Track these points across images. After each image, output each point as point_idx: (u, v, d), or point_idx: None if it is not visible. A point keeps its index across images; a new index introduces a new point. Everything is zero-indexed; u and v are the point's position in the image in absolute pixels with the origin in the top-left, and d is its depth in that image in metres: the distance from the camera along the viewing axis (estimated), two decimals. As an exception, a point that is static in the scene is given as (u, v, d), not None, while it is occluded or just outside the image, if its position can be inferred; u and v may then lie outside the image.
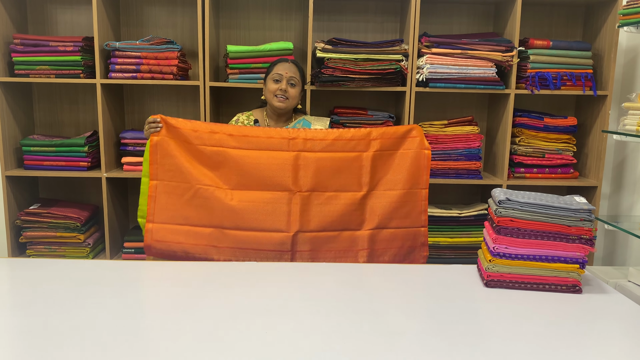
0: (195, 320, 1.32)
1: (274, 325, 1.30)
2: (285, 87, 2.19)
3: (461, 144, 2.81)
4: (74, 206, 2.88)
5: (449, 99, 3.07)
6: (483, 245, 1.76)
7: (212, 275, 1.66)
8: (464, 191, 3.18)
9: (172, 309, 1.39)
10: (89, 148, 2.77)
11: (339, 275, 1.69)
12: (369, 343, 1.23)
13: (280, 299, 1.47)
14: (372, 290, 1.57)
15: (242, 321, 1.32)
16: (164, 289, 1.53)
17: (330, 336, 1.25)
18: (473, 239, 2.88)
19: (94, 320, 1.31)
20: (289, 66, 2.24)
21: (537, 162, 2.87)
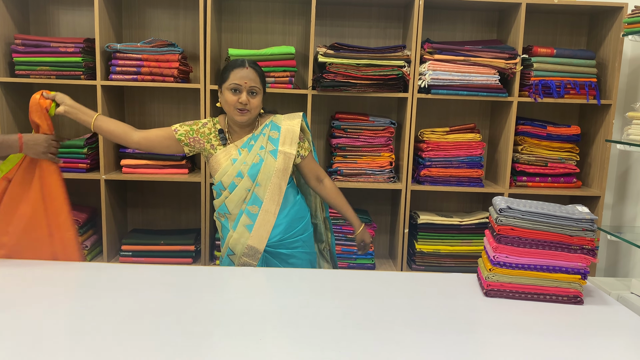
0: (190, 324, 1.30)
1: (272, 331, 1.28)
2: (246, 98, 1.83)
3: (463, 151, 2.79)
4: (72, 208, 2.85)
5: (451, 106, 3.05)
6: (483, 254, 1.74)
7: (206, 279, 1.64)
8: (465, 199, 3.16)
9: (166, 312, 1.37)
10: (88, 150, 2.76)
11: (330, 280, 1.67)
12: (366, 352, 1.20)
13: (275, 305, 1.45)
14: (370, 298, 1.54)
15: (238, 326, 1.30)
16: (159, 293, 1.51)
17: (326, 345, 1.23)
18: (474, 247, 2.85)
19: (89, 322, 1.29)
20: (247, 73, 1.84)
21: (540, 170, 2.85)
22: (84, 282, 1.58)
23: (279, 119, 1.96)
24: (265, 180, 1.87)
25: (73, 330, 1.25)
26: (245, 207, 1.88)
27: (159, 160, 2.79)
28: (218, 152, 1.91)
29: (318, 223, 2.13)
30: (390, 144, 2.81)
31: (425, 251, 2.84)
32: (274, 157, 1.88)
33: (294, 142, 1.91)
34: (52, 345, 1.19)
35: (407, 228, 2.81)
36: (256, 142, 1.90)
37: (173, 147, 1.94)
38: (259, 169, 1.86)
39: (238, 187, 1.87)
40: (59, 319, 1.32)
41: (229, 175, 1.88)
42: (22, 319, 1.32)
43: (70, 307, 1.39)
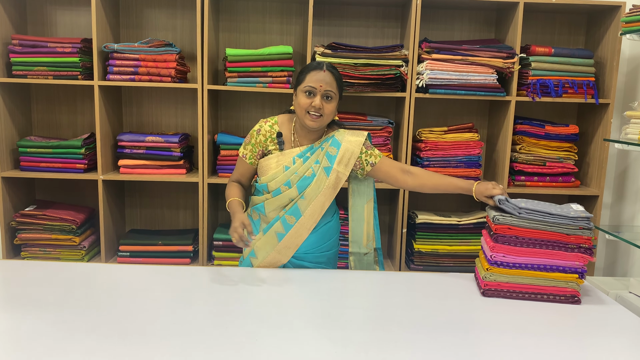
0: (187, 325, 1.29)
1: (267, 330, 1.28)
2: (320, 103, 1.73)
3: (461, 151, 2.79)
4: (70, 208, 2.86)
5: (449, 106, 3.05)
6: (481, 254, 1.73)
7: (205, 279, 1.63)
8: (463, 199, 3.16)
9: (164, 313, 1.36)
10: (86, 150, 2.76)
11: (329, 280, 1.66)
12: (363, 351, 1.20)
13: (272, 306, 1.44)
14: (366, 298, 1.54)
15: (235, 327, 1.30)
16: (157, 293, 1.51)
17: (322, 345, 1.23)
18: (472, 247, 2.85)
19: (85, 323, 1.29)
20: (324, 76, 1.75)
21: (538, 170, 2.84)
22: (81, 282, 1.58)
23: (342, 135, 1.86)
24: (312, 195, 1.80)
25: (70, 330, 1.25)
26: (283, 214, 1.82)
27: (156, 160, 2.78)
28: (272, 156, 1.84)
29: (368, 253, 1.97)
30: (388, 144, 2.81)
31: (423, 251, 2.83)
32: (327, 174, 1.81)
33: (350, 163, 1.83)
34: (48, 345, 1.18)
35: (406, 228, 2.81)
36: (312, 154, 1.82)
37: (254, 168, 1.91)
38: (309, 183, 1.80)
39: (282, 195, 1.81)
40: (56, 319, 1.31)
41: (277, 181, 1.81)
42: (18, 319, 1.31)
43: (67, 307, 1.38)
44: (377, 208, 1.99)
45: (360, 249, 1.97)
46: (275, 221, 1.82)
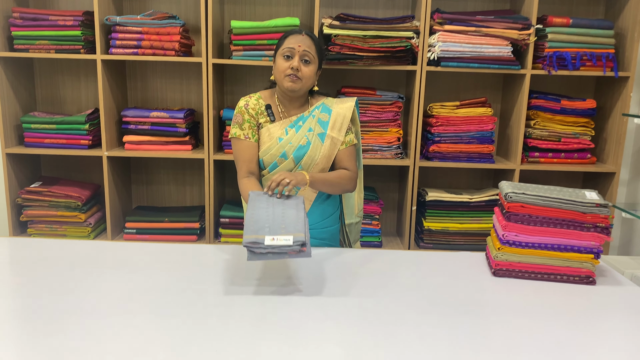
0: (194, 303, 1.28)
1: (272, 308, 1.25)
2: (298, 64, 1.71)
3: (473, 126, 2.72)
4: (75, 185, 2.85)
5: (461, 79, 2.97)
6: (492, 233, 1.69)
7: (213, 257, 1.61)
8: (475, 176, 3.10)
9: (170, 290, 1.35)
10: (90, 126, 2.73)
11: (336, 259, 1.63)
12: (369, 333, 1.17)
13: (278, 284, 1.42)
14: (373, 277, 1.51)
15: (241, 305, 1.27)
16: (163, 271, 1.49)
17: (328, 323, 1.20)
18: (484, 225, 2.80)
19: (90, 300, 1.28)
20: (302, 39, 1.74)
21: (553, 146, 2.77)
22: (87, 259, 1.57)
23: (331, 102, 1.84)
24: (309, 164, 1.77)
25: (75, 308, 1.24)
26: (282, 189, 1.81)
27: (161, 136, 2.75)
28: (263, 130, 1.78)
29: (358, 222, 2.01)
30: (398, 119, 2.75)
31: (433, 229, 2.79)
32: (322, 141, 1.78)
33: (343, 127, 1.79)
34: (53, 322, 1.17)
35: (415, 205, 2.76)
36: (304, 123, 1.78)
37: (257, 145, 1.79)
38: (305, 152, 1.76)
39: (279, 168, 1.77)
40: (61, 297, 1.30)
41: (272, 154, 1.76)
42: (23, 297, 1.30)
43: (73, 285, 1.37)
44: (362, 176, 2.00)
45: (353, 218, 1.98)
46: None
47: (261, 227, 1.38)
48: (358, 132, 1.89)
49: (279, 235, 1.34)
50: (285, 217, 1.43)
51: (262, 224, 1.39)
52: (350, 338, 1.15)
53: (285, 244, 1.31)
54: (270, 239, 1.32)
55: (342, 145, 1.81)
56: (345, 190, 1.81)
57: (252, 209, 1.46)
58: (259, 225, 1.38)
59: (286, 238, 1.33)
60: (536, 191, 1.57)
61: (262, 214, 1.44)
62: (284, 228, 1.37)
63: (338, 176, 1.78)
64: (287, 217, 1.43)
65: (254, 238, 1.33)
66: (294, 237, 1.33)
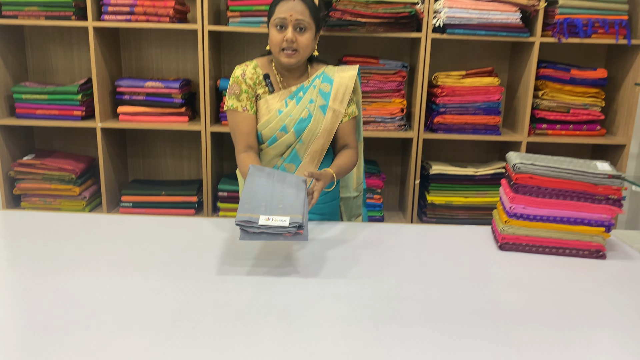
0: (192, 278, 1.24)
1: (272, 281, 1.22)
2: (292, 35, 1.57)
3: (480, 96, 2.65)
4: (69, 157, 2.80)
5: (467, 48, 2.88)
6: (499, 205, 1.65)
7: (210, 231, 1.57)
8: (480, 148, 3.04)
9: (168, 265, 1.31)
10: (83, 96, 2.66)
11: (337, 233, 1.59)
12: (369, 308, 1.14)
13: (278, 259, 1.38)
14: (375, 251, 1.47)
15: (239, 280, 1.24)
16: (161, 245, 1.45)
17: (327, 301, 1.16)
18: (489, 199, 2.76)
19: (86, 274, 1.25)
20: (293, 5, 1.57)
21: (561, 117, 2.70)
22: (81, 232, 1.53)
23: (332, 71, 1.72)
24: (310, 138, 1.68)
25: (68, 282, 1.20)
26: (282, 163, 1.71)
27: (157, 107, 2.69)
28: (262, 102, 1.67)
29: (357, 196, 1.91)
30: (401, 89, 2.68)
31: (436, 203, 2.75)
32: (323, 113, 1.67)
33: (345, 98, 1.69)
34: (46, 296, 1.14)
35: (419, 179, 2.71)
36: (305, 94, 1.68)
37: (255, 117, 1.68)
38: (306, 125, 1.66)
39: (278, 142, 1.67)
40: (56, 271, 1.27)
41: (271, 128, 1.66)
42: (16, 271, 1.27)
43: (67, 259, 1.34)
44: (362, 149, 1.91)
45: (351, 192, 1.91)
46: None
47: (257, 205, 1.31)
48: (359, 102, 1.81)
49: (275, 216, 1.27)
50: (284, 196, 1.37)
51: (258, 201, 1.32)
52: (351, 317, 1.12)
53: (280, 225, 1.24)
54: (265, 219, 1.25)
55: (345, 117, 1.72)
56: (351, 170, 1.75)
57: (249, 185, 1.39)
58: (255, 203, 1.31)
59: (282, 219, 1.26)
60: (545, 162, 1.51)
61: (260, 191, 1.37)
62: (282, 208, 1.31)
63: (349, 160, 1.70)
64: (286, 197, 1.36)
65: (248, 217, 1.26)
66: (290, 219, 1.26)
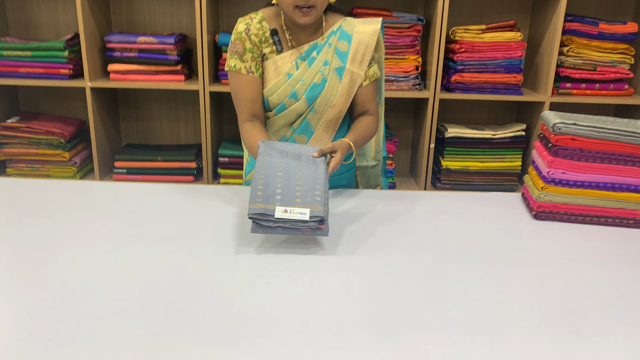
0: (189, 252, 1.12)
1: (275, 246, 1.10)
2: None
3: (500, 53, 2.49)
4: (57, 120, 2.65)
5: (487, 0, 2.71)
6: (531, 171, 1.52)
7: (211, 199, 1.45)
8: (497, 110, 2.89)
9: (165, 236, 1.19)
10: (70, 53, 2.49)
11: (354, 201, 1.47)
12: (401, 287, 1.02)
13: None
14: (399, 223, 1.35)
15: (241, 249, 1.12)
16: (158, 214, 1.33)
17: (351, 276, 1.05)
18: (507, 163, 2.64)
19: (78, 246, 1.13)
20: None
21: (587, 76, 2.55)
22: (72, 201, 1.41)
23: (350, 25, 1.48)
24: (324, 106, 1.48)
25: (59, 259, 1.09)
26: (291, 134, 1.52)
27: (150, 65, 2.52)
28: (268, 63, 1.46)
29: (375, 165, 1.74)
30: (416, 45, 2.51)
31: (452, 168, 2.63)
32: (339, 77, 1.47)
33: (366, 59, 1.48)
34: (35, 270, 1.03)
35: (434, 143, 2.58)
36: (319, 54, 1.46)
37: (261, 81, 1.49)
38: (319, 91, 1.46)
39: (288, 111, 1.48)
40: (44, 245, 1.15)
41: (279, 94, 1.47)
42: (2, 242, 1.15)
43: (58, 231, 1.22)
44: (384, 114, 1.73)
45: (368, 161, 1.73)
46: None
47: (271, 194, 1.15)
48: (381, 60, 1.61)
49: (292, 207, 1.12)
50: (302, 182, 1.21)
51: (272, 189, 1.17)
52: (373, 291, 1.00)
53: (299, 219, 1.10)
54: (282, 211, 1.10)
55: (365, 80, 1.52)
56: (370, 139, 1.58)
57: (261, 167, 1.23)
58: (269, 192, 1.16)
59: (302, 211, 1.10)
60: (587, 122, 1.38)
61: (273, 175, 1.21)
62: (300, 197, 1.16)
63: (367, 128, 1.52)
64: (305, 183, 1.20)
65: (262, 208, 1.11)
66: (310, 211, 1.11)
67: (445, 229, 1.32)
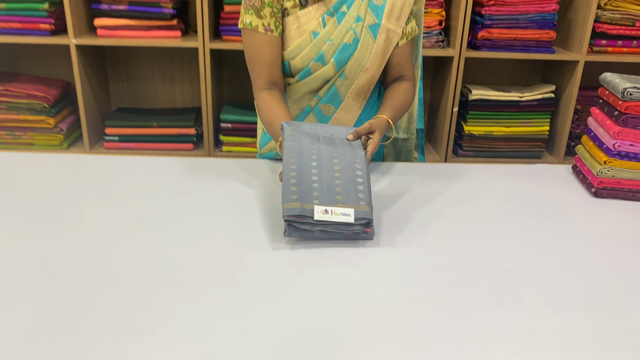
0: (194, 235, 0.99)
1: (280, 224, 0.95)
2: None
3: (533, 6, 2.30)
4: (39, 82, 2.46)
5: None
6: (586, 141, 1.37)
7: (219, 175, 1.28)
8: (521, 70, 2.71)
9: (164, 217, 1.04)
10: (51, 6, 2.28)
11: (384, 179, 1.31)
12: (461, 287, 0.87)
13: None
14: (438, 202, 1.20)
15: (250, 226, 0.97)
16: (156, 191, 1.17)
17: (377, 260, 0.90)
18: (534, 128, 2.49)
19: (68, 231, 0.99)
20: None
21: (625, 32, 2.37)
22: (60, 178, 1.25)
23: None
24: (356, 70, 1.29)
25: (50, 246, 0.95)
26: (316, 104, 1.34)
27: (142, 19, 2.32)
28: (290, 19, 1.26)
29: (408, 138, 1.53)
30: (440, -4, 2.31)
31: (475, 134, 2.47)
32: (374, 36, 1.27)
33: (404, 14, 1.28)
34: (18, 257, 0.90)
35: (457, 106, 2.41)
36: (350, 8, 1.26)
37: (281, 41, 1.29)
38: (350, 53, 1.27)
39: (313, 76, 1.29)
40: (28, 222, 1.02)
41: (303, 57, 1.27)
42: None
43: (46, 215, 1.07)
44: (422, 78, 1.54)
45: (399, 133, 1.53)
46: (306, 114, 1.36)
47: (307, 189, 0.98)
48: (421, 12, 1.39)
49: (334, 207, 0.95)
50: (342, 173, 1.03)
51: (307, 184, 0.99)
52: (439, 294, 0.86)
53: (343, 221, 0.93)
54: (322, 211, 0.94)
55: (401, 39, 1.32)
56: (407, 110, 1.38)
57: (290, 157, 1.04)
58: (304, 187, 0.98)
59: (345, 212, 0.94)
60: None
61: (307, 167, 1.03)
62: (341, 194, 0.99)
63: (405, 98, 1.33)
64: (345, 175, 1.03)
65: (299, 209, 0.94)
66: (355, 212, 0.95)
67: (493, 210, 1.18)
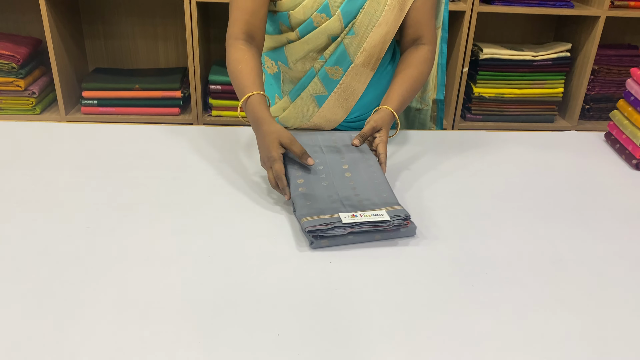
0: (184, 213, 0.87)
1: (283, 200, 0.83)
2: None
3: (551, -46, 2.14)
4: (5, 39, 2.30)
5: None
6: (625, 106, 1.27)
7: (211, 146, 1.15)
8: (533, 26, 2.57)
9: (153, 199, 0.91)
10: (15, -48, 2.06)
11: (398, 150, 1.19)
12: (510, 282, 0.76)
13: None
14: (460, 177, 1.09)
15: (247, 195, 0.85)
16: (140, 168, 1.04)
17: (440, 263, 0.79)
18: (548, 90, 2.37)
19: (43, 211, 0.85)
20: None
21: (647, -15, 2.23)
22: (37, 151, 1.12)
23: None
24: (367, 25, 1.13)
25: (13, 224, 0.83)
26: (321, 66, 1.18)
27: (120, -32, 2.11)
28: None
29: (422, 109, 1.38)
30: (450, -53, 2.13)
31: (486, 96, 2.34)
32: None
33: None
34: None
35: (467, 66, 2.27)
36: None
37: None
38: (360, 5, 1.11)
39: (317, 31, 1.13)
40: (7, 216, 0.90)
41: (305, 6, 1.11)
42: None
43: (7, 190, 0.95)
44: (446, 40, 1.38)
45: (413, 102, 1.38)
46: (310, 78, 1.20)
47: (324, 207, 0.88)
48: None
49: (362, 211, 0.86)
50: (356, 183, 0.94)
51: (321, 202, 0.89)
52: (483, 292, 0.75)
53: (378, 220, 0.83)
54: (350, 216, 0.84)
55: None
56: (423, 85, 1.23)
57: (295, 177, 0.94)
58: (320, 206, 0.88)
59: (376, 213, 0.85)
60: None
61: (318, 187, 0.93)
62: (363, 201, 0.90)
63: (419, 74, 1.16)
64: (360, 184, 0.94)
65: (322, 219, 0.84)
66: (387, 212, 0.85)
67: (529, 187, 1.07)
